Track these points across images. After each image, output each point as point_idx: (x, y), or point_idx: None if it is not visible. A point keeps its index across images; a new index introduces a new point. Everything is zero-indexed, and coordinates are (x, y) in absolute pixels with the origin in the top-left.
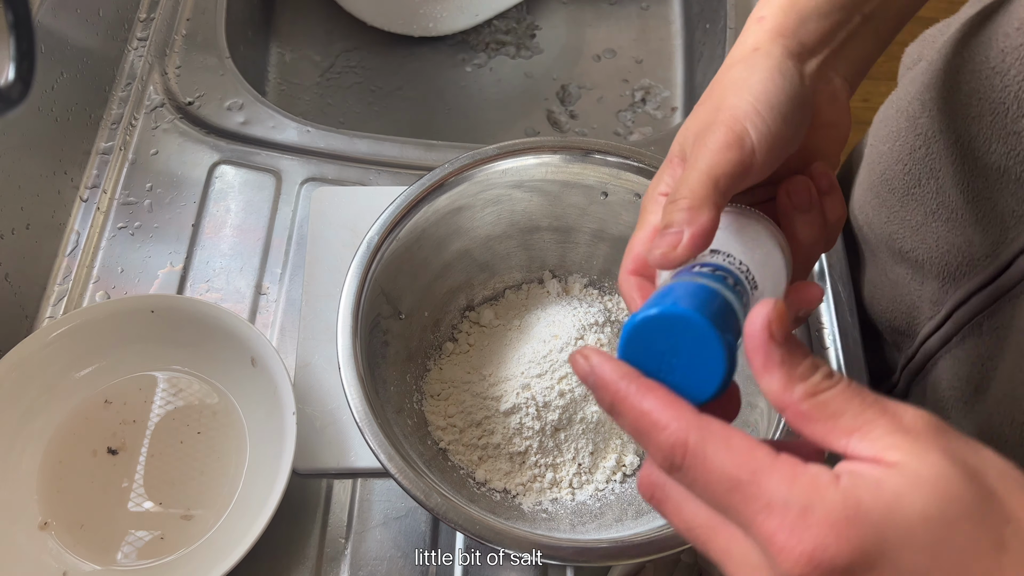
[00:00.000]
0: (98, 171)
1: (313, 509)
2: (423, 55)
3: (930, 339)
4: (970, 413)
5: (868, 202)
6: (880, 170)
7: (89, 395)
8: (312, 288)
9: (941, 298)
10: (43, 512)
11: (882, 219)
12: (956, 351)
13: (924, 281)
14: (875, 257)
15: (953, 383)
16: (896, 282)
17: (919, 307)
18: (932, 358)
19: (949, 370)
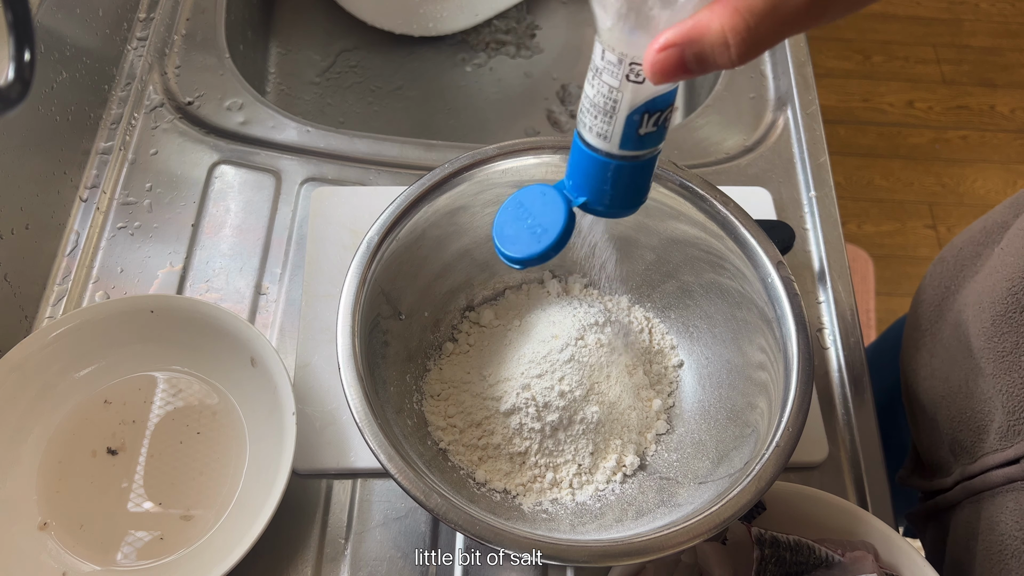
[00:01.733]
0: (98, 171)
1: (313, 509)
2: (423, 55)
3: (994, 472)
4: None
5: (972, 303)
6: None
7: (89, 395)
8: (312, 288)
9: (1010, 436)
10: (42, 512)
11: (977, 328)
12: (1020, 495)
13: (998, 409)
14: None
15: (1015, 531)
16: (973, 395)
17: (987, 431)
18: (992, 489)
19: (1011, 513)
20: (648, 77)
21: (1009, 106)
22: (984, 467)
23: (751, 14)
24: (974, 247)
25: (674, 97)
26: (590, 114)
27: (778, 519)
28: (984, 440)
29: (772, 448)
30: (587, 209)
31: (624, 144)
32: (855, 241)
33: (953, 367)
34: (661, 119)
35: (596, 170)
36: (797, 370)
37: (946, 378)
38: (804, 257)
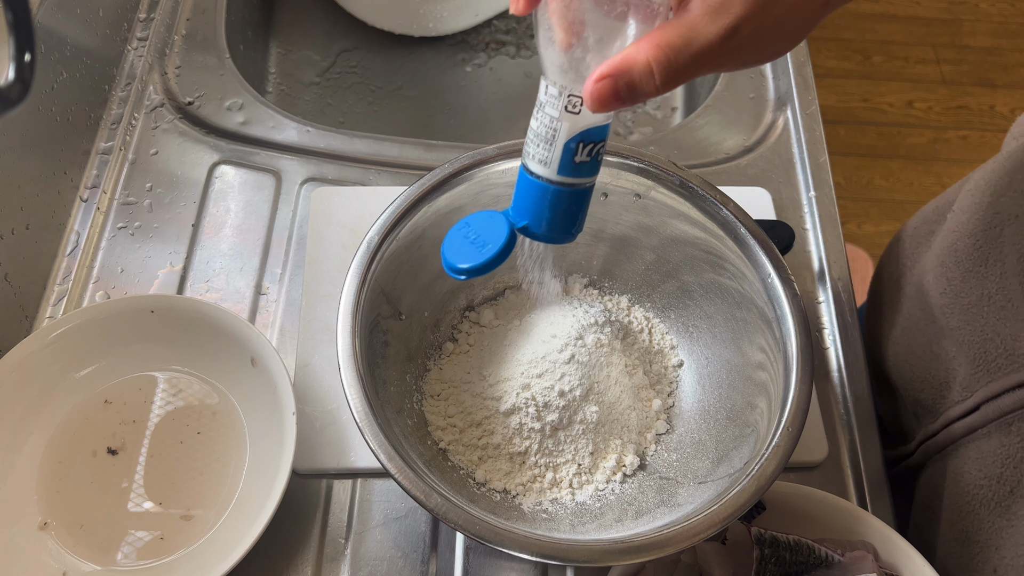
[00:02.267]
0: (98, 171)
1: (313, 509)
2: (423, 55)
3: (955, 424)
4: (1005, 514)
5: (932, 268)
6: (952, 239)
7: (89, 395)
8: (312, 288)
9: (972, 384)
10: (43, 512)
11: (939, 288)
12: (981, 444)
13: (961, 363)
14: (919, 322)
15: (980, 479)
16: (936, 356)
17: (949, 387)
18: (955, 443)
19: (974, 463)
20: (587, 105)
21: (1009, 106)
22: (946, 422)
23: (670, 47)
24: (928, 225)
25: (607, 133)
26: (533, 144)
27: (778, 519)
28: (946, 397)
29: (772, 448)
30: (527, 233)
31: (562, 170)
32: (855, 241)
33: (915, 333)
34: (595, 151)
35: (536, 195)
36: (797, 370)
37: (908, 344)
38: (804, 257)
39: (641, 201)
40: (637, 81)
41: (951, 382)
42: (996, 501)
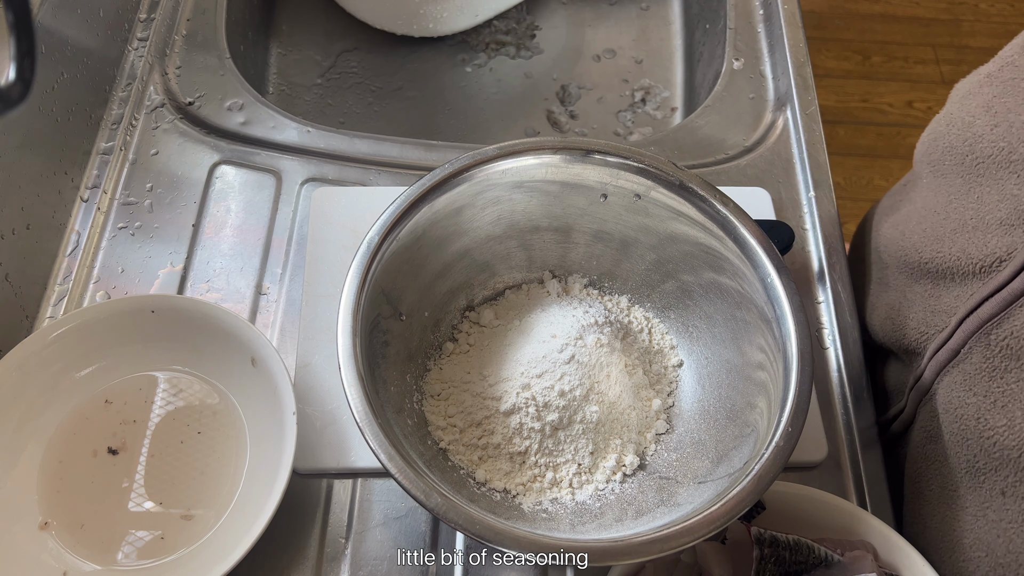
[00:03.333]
0: (98, 171)
1: (313, 509)
2: (423, 55)
3: (938, 353)
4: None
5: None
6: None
7: (89, 395)
8: (312, 288)
9: (953, 308)
10: (43, 512)
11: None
12: (964, 365)
13: (940, 295)
14: (891, 280)
15: (967, 399)
16: (912, 301)
17: (932, 323)
18: (940, 373)
19: (961, 386)
20: None
21: None
22: (930, 355)
23: None
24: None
25: None
26: None
27: (777, 518)
28: (929, 335)
29: (771, 448)
30: None
31: None
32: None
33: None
34: None
35: None
36: (796, 370)
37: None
38: (803, 257)
39: (641, 201)
40: None
41: (934, 319)
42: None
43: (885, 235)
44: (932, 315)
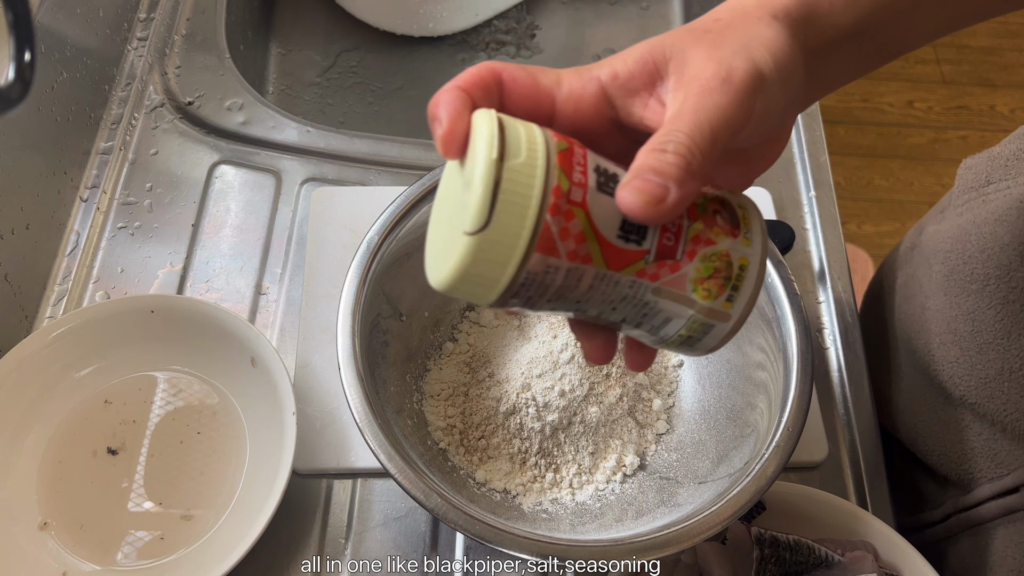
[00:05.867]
0: (98, 171)
1: (313, 509)
2: (423, 55)
3: (991, 502)
4: None
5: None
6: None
7: (89, 395)
8: (312, 288)
9: (1008, 461)
10: (43, 512)
11: (949, 356)
12: (1021, 526)
13: (986, 437)
14: (926, 389)
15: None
16: (951, 424)
17: (975, 460)
18: (991, 521)
19: (1017, 547)
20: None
21: (1009, 106)
22: (980, 498)
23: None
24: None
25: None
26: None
27: (778, 519)
28: (974, 470)
29: (772, 448)
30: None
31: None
32: (855, 241)
33: (923, 399)
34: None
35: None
36: (797, 370)
37: (916, 407)
38: (804, 257)
39: None
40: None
41: (976, 455)
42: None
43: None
44: (976, 453)
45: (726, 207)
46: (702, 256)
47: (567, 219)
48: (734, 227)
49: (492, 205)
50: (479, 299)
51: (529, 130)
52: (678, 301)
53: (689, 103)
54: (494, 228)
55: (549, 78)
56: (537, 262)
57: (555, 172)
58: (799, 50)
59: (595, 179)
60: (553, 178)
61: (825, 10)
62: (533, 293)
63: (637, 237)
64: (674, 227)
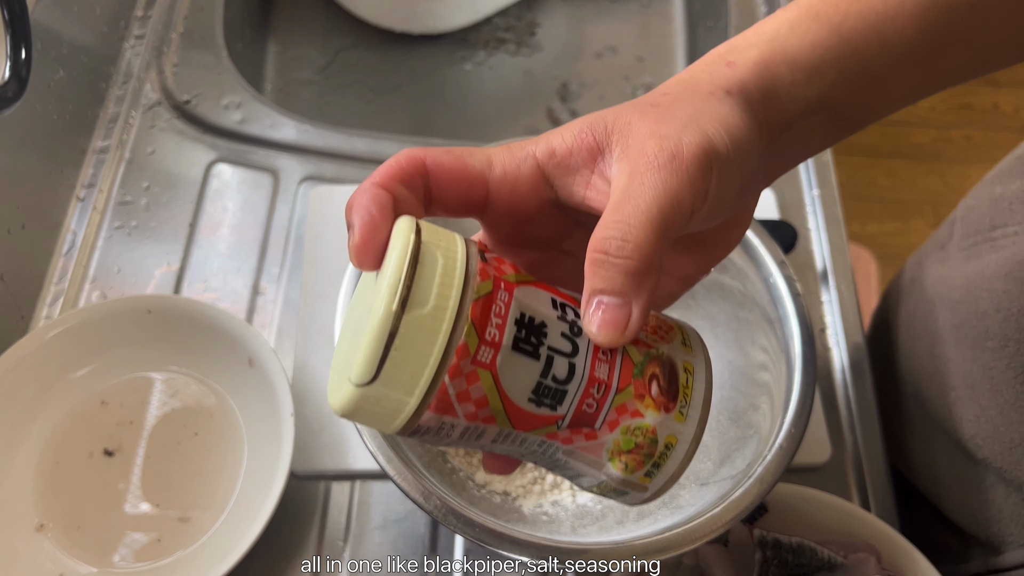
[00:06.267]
0: (94, 170)
1: (311, 512)
2: (422, 53)
3: (1020, 569)
4: None
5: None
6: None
7: (85, 396)
8: (310, 288)
9: None
10: (39, 514)
11: (969, 414)
12: None
13: (1015, 502)
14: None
15: None
16: (971, 483)
17: (1005, 524)
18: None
19: None
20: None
21: (1012, 105)
22: (1013, 563)
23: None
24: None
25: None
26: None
27: (780, 521)
28: (1003, 532)
29: (774, 449)
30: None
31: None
32: (858, 241)
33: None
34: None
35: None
36: (800, 371)
37: (933, 460)
38: (807, 257)
39: None
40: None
41: (1005, 519)
42: None
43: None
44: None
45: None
46: (624, 429)
47: (468, 382)
48: (670, 399)
49: (382, 360)
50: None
51: (449, 261)
52: (591, 465)
53: (634, 184)
54: (382, 383)
55: (479, 160)
56: (430, 419)
57: (464, 327)
58: (755, 126)
59: (513, 334)
60: (459, 335)
61: (786, 83)
62: (430, 438)
63: (552, 402)
64: (598, 392)
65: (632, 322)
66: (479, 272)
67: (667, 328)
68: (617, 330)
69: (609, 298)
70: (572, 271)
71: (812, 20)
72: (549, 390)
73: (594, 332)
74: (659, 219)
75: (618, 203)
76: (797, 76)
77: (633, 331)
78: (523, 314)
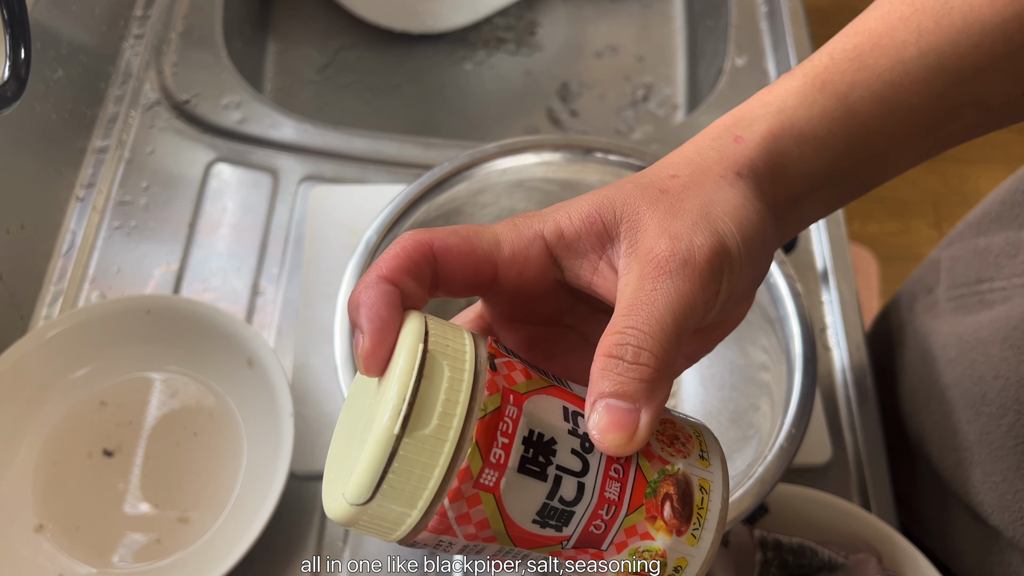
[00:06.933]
0: (94, 170)
1: (311, 512)
2: (422, 52)
3: None
4: None
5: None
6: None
7: (85, 396)
8: (310, 288)
9: None
10: (38, 515)
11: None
12: None
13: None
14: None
15: None
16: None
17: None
18: None
19: None
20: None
21: None
22: None
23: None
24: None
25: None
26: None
27: (781, 521)
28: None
29: (775, 450)
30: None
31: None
32: (859, 241)
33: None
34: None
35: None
36: (800, 371)
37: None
38: (807, 257)
39: None
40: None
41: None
42: None
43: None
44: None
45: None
46: (632, 551)
47: (469, 505)
48: (683, 522)
49: (379, 482)
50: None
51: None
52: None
53: (645, 289)
54: (378, 503)
55: (486, 241)
56: (427, 537)
57: (467, 449)
58: (767, 212)
59: (519, 455)
60: (462, 457)
61: (794, 158)
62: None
63: (558, 523)
64: (607, 513)
65: (641, 429)
66: (487, 385)
67: (685, 438)
68: (624, 433)
69: (617, 402)
70: (574, 345)
71: (819, 91)
72: (555, 512)
73: (598, 437)
74: (673, 327)
75: (629, 307)
76: (805, 150)
77: (641, 439)
78: (532, 431)
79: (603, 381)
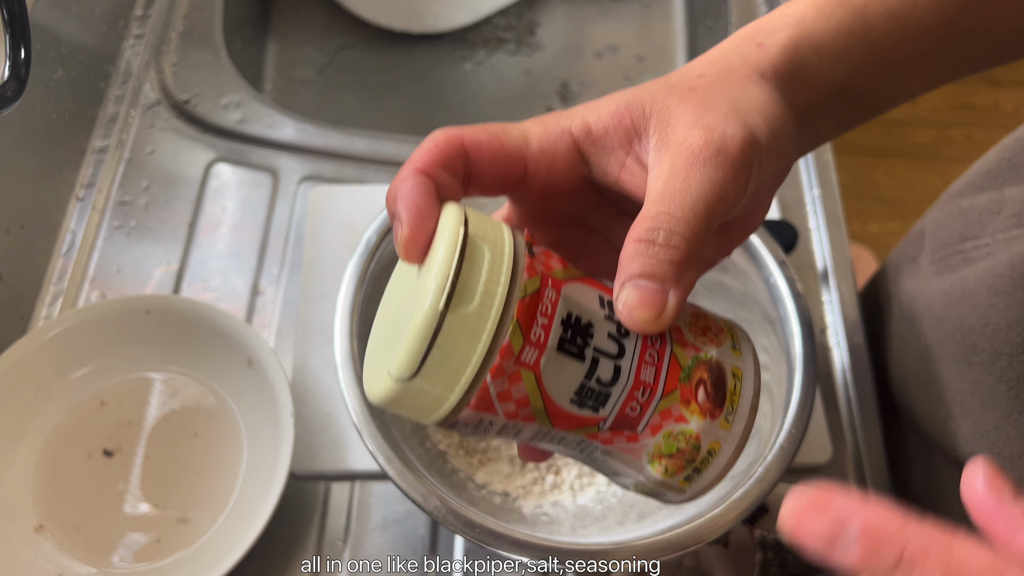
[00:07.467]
0: (94, 170)
1: (311, 512)
2: (422, 52)
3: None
4: None
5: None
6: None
7: (84, 396)
8: (309, 288)
9: None
10: (38, 515)
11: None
12: None
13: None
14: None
15: None
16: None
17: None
18: None
19: None
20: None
21: (1013, 104)
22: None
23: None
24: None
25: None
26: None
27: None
28: None
29: (775, 450)
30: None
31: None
32: (859, 240)
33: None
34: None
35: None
36: (800, 371)
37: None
38: (807, 257)
39: None
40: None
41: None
42: None
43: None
44: None
45: (717, 375)
46: (667, 433)
47: (511, 382)
48: (716, 406)
49: (424, 357)
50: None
51: (496, 256)
52: (629, 466)
53: (678, 176)
54: (423, 379)
55: (515, 138)
56: (468, 415)
57: (509, 327)
58: (790, 112)
59: (558, 335)
60: (504, 334)
61: (812, 67)
62: (468, 431)
63: (595, 404)
64: (643, 396)
65: (668, 308)
66: (526, 269)
67: (717, 330)
68: (652, 310)
69: (646, 282)
70: (597, 247)
71: (837, 5)
72: (592, 392)
73: (625, 313)
74: (705, 213)
75: (662, 195)
76: (823, 60)
77: (668, 318)
78: (570, 314)
79: (632, 264)
